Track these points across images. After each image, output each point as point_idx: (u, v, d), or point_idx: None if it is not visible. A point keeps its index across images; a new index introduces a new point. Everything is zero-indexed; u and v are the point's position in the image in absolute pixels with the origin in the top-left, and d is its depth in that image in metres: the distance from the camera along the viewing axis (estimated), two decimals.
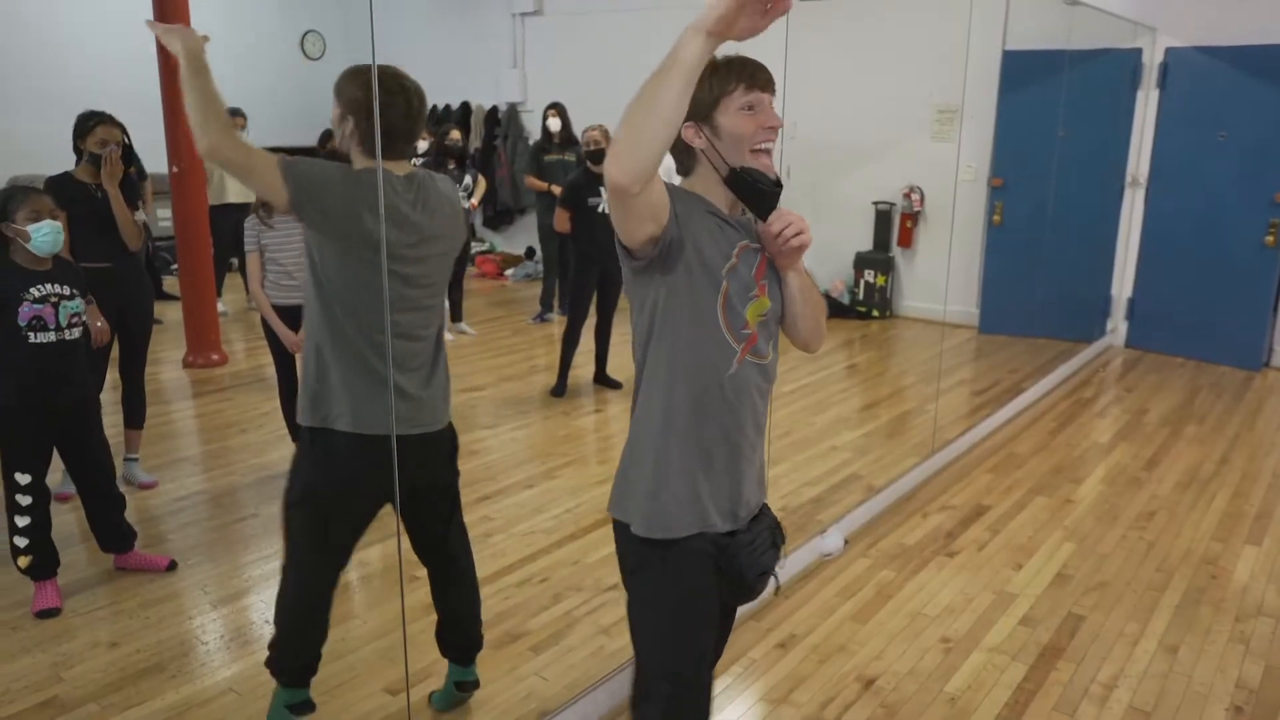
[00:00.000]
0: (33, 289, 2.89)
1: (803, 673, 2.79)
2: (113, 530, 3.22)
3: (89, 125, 3.59)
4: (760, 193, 1.62)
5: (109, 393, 3.57)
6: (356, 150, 2.14)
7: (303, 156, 2.08)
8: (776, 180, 1.64)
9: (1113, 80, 6.54)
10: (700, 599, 1.71)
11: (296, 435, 2.35)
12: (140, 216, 3.70)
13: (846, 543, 3.62)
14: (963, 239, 7.12)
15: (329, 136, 6.54)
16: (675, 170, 1.74)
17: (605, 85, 5.52)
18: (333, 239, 2.08)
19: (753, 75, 1.61)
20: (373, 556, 3.37)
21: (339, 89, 2.12)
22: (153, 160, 5.80)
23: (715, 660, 1.86)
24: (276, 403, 4.25)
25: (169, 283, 6.94)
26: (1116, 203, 6.71)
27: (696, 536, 1.67)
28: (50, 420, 3.00)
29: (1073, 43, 6.35)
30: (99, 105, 3.72)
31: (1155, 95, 6.44)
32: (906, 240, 7.53)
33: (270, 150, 2.01)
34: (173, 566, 3.28)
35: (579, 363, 5.42)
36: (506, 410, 5.11)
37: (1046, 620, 3.11)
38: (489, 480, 4.13)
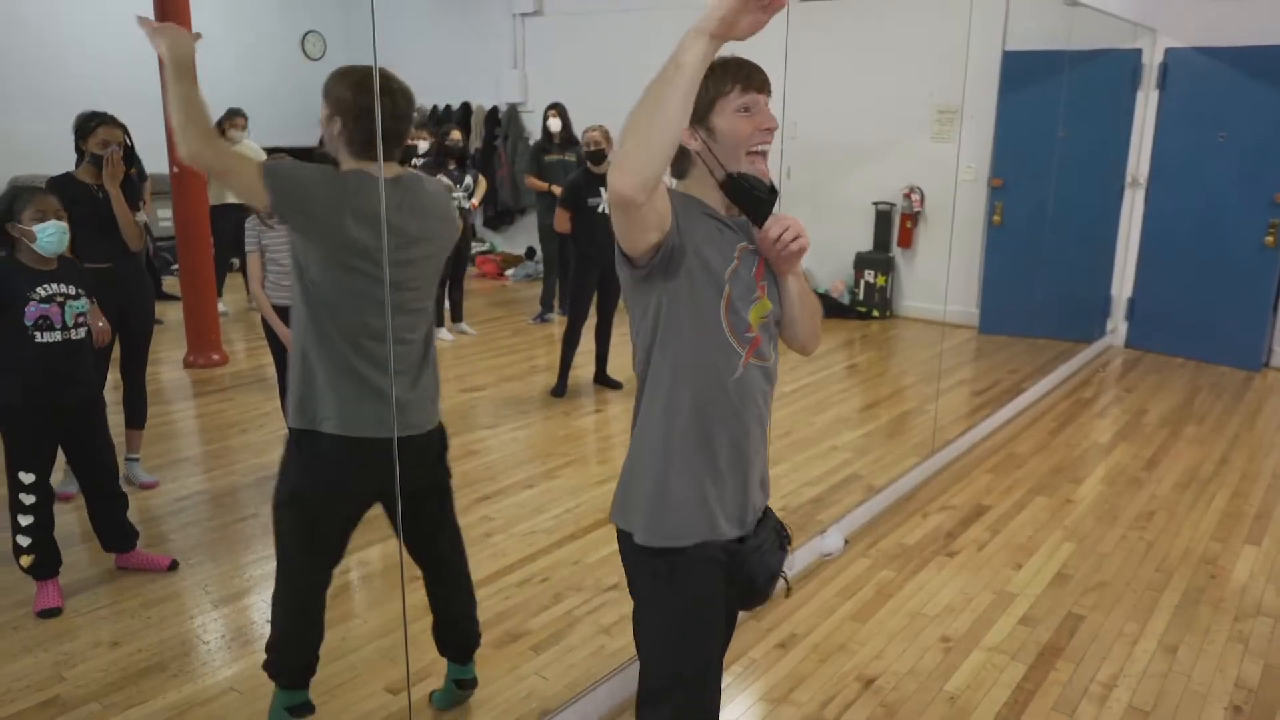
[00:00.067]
0: (39, 289, 2.91)
1: (803, 672, 2.80)
2: (115, 530, 3.23)
3: (90, 126, 3.59)
4: (756, 199, 1.61)
5: (110, 393, 3.57)
6: (344, 151, 2.13)
7: (285, 160, 2.08)
8: (771, 187, 1.63)
9: (1113, 81, 6.54)
10: (708, 607, 1.69)
11: None
12: (141, 217, 3.71)
13: (847, 542, 3.63)
14: (963, 239, 7.12)
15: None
16: (670, 173, 1.74)
17: (605, 85, 5.54)
18: (315, 242, 2.07)
19: (749, 76, 1.59)
20: (373, 556, 3.37)
21: (327, 89, 2.11)
22: (153, 160, 5.81)
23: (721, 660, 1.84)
24: (277, 403, 4.26)
25: (169, 283, 6.95)
26: (1116, 203, 6.72)
27: (704, 544, 1.65)
28: (55, 420, 3.01)
29: (1073, 43, 6.35)
30: (99, 105, 3.73)
31: (1155, 96, 6.44)
32: (906, 240, 7.54)
33: (271, 150, 2.02)
34: (174, 566, 3.29)
35: (579, 363, 5.43)
36: (507, 410, 5.12)
37: (1046, 620, 3.12)
38: (489, 480, 4.13)
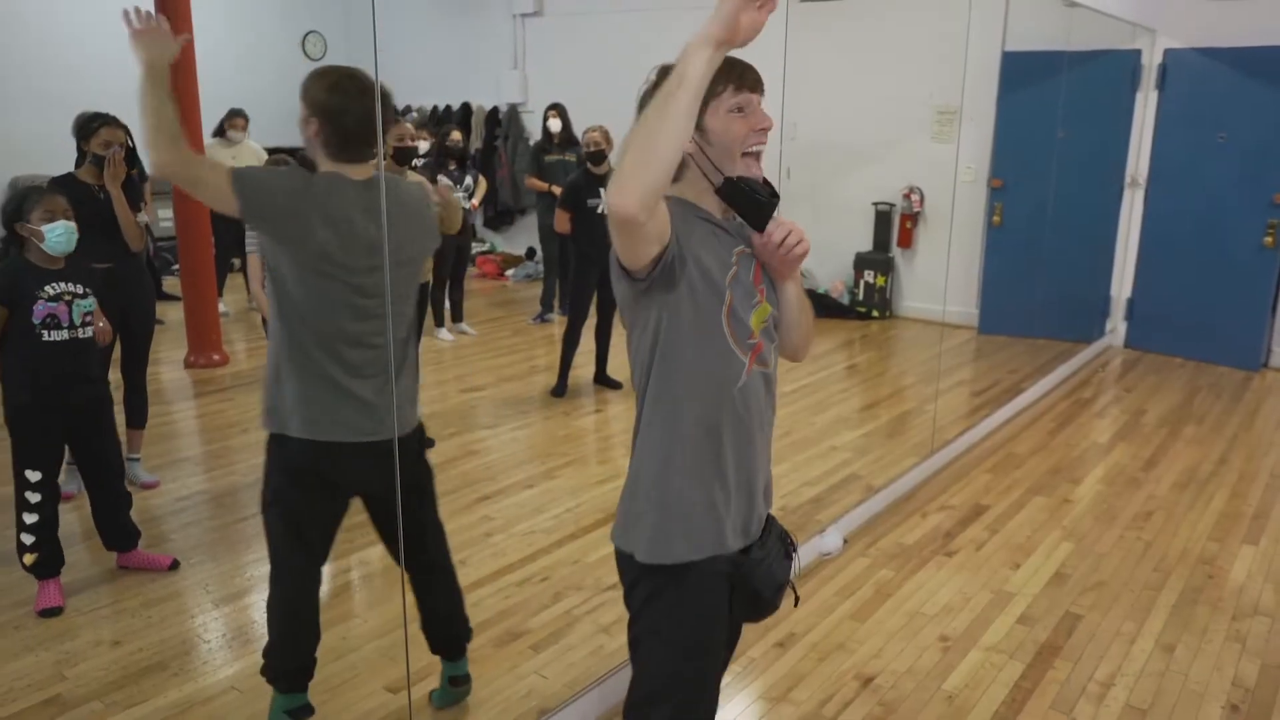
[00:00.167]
0: (47, 287, 2.93)
1: (801, 671, 2.81)
2: (118, 529, 3.24)
3: (92, 127, 3.60)
4: (757, 203, 1.56)
5: (111, 393, 3.59)
6: (320, 153, 2.13)
7: (255, 166, 2.08)
8: (773, 191, 1.59)
9: (1112, 81, 6.55)
10: (715, 624, 1.66)
11: None
12: (142, 218, 3.72)
13: (846, 542, 3.63)
14: (962, 240, 7.13)
15: None
16: None
17: (606, 86, 5.54)
18: (287, 248, 2.07)
19: (741, 76, 1.55)
20: (373, 556, 3.38)
21: (304, 90, 2.10)
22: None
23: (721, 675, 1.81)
24: None
25: (170, 283, 6.96)
26: (1116, 204, 6.73)
27: (712, 559, 1.62)
28: (63, 418, 3.02)
29: (1072, 44, 6.36)
30: (99, 105, 3.74)
31: (1154, 96, 6.45)
32: (906, 241, 7.55)
33: (272, 151, 2.02)
34: (175, 566, 3.30)
35: (579, 363, 5.44)
36: (507, 410, 5.12)
37: (1044, 619, 3.12)
38: (489, 480, 4.14)
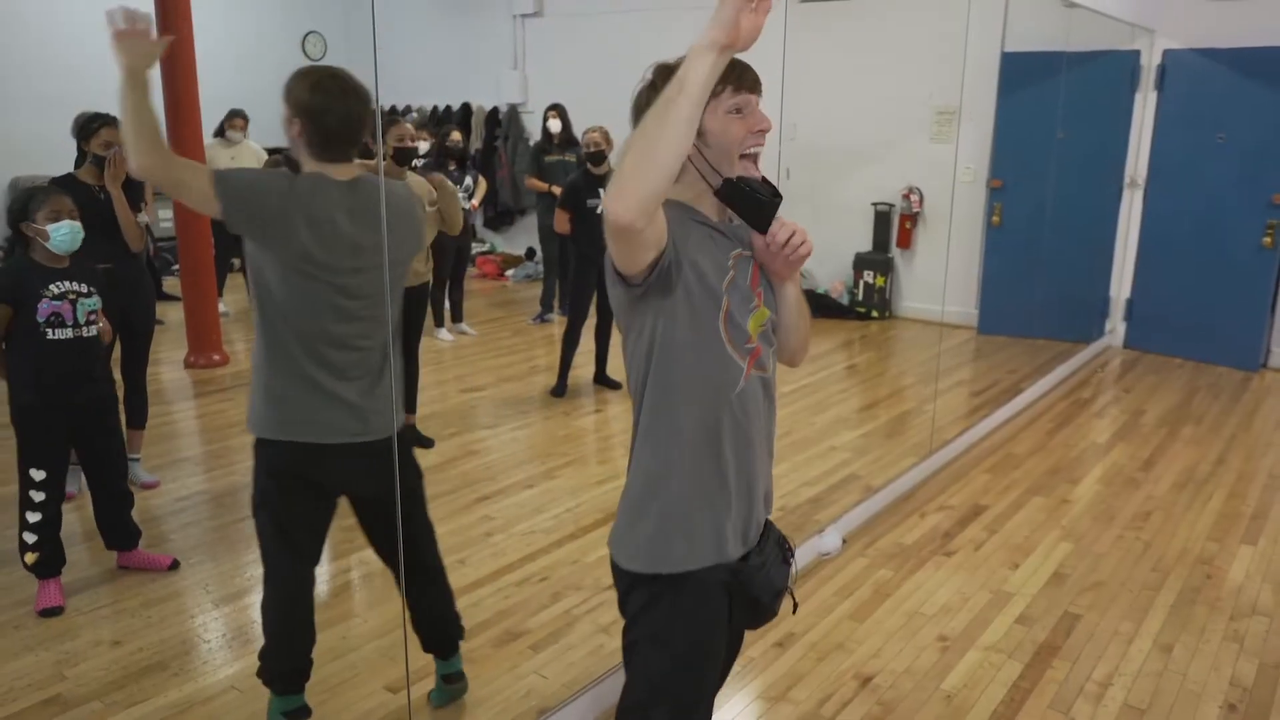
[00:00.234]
0: (51, 286, 2.95)
1: (800, 670, 2.81)
2: (120, 528, 3.25)
3: (93, 128, 3.61)
4: (758, 203, 1.53)
5: (115, 392, 3.59)
6: (304, 153, 2.13)
7: (237, 168, 2.08)
8: (775, 191, 1.55)
9: (1111, 82, 6.56)
10: (713, 632, 1.64)
11: None
12: (142, 218, 3.73)
13: (844, 542, 3.64)
14: (962, 240, 7.14)
15: None
16: None
17: (605, 87, 5.53)
18: (269, 250, 2.07)
19: (740, 76, 1.51)
20: (372, 556, 3.35)
21: (286, 91, 2.09)
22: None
23: (720, 684, 1.81)
24: None
25: (170, 283, 6.97)
26: (1115, 204, 6.73)
27: (712, 568, 1.59)
28: (67, 416, 3.04)
29: (1071, 44, 6.37)
30: (99, 106, 3.74)
31: (1153, 97, 6.46)
32: (906, 241, 7.55)
33: (272, 151, 2.03)
34: (175, 566, 3.31)
35: (579, 363, 5.44)
36: (507, 410, 5.13)
37: (1042, 619, 3.13)
38: (489, 480, 4.15)
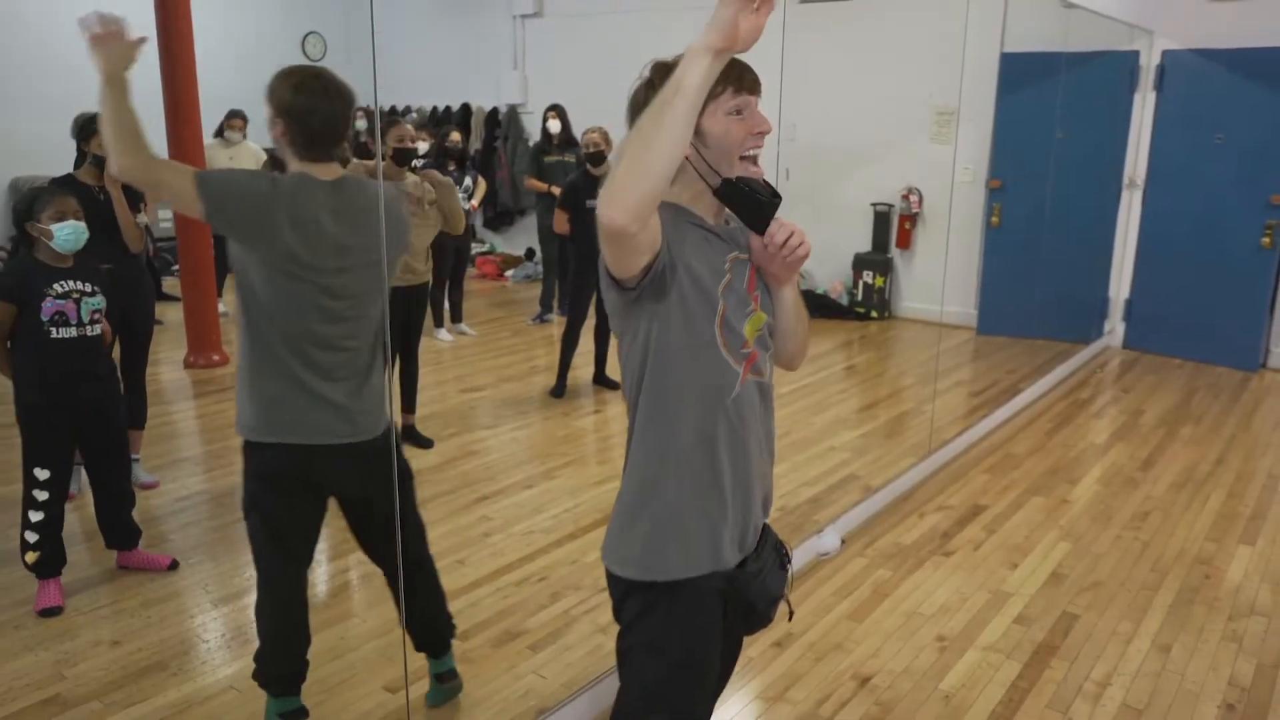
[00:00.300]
0: (55, 285, 2.96)
1: (799, 671, 2.82)
2: (121, 527, 3.26)
3: (93, 128, 3.61)
4: (758, 204, 1.51)
5: (120, 390, 3.59)
6: (288, 153, 2.12)
7: (219, 169, 2.07)
8: (774, 191, 1.53)
9: (1110, 82, 6.56)
10: (709, 640, 1.62)
11: None
12: (142, 218, 3.73)
13: (843, 542, 3.64)
14: (961, 240, 7.14)
15: None
16: None
17: (605, 87, 5.53)
18: (253, 251, 2.06)
19: (740, 77, 1.49)
20: None
21: (269, 91, 2.08)
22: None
23: (720, 690, 1.81)
24: None
25: (170, 283, 6.97)
26: (1114, 204, 6.74)
27: (708, 576, 1.58)
28: (71, 415, 3.04)
29: (1070, 45, 6.37)
30: (99, 107, 3.74)
31: (1152, 97, 6.46)
32: (905, 242, 7.56)
33: (272, 152, 2.03)
34: (174, 566, 3.31)
35: (578, 363, 5.44)
36: (506, 411, 5.13)
37: (1041, 619, 3.13)
38: (488, 480, 4.15)
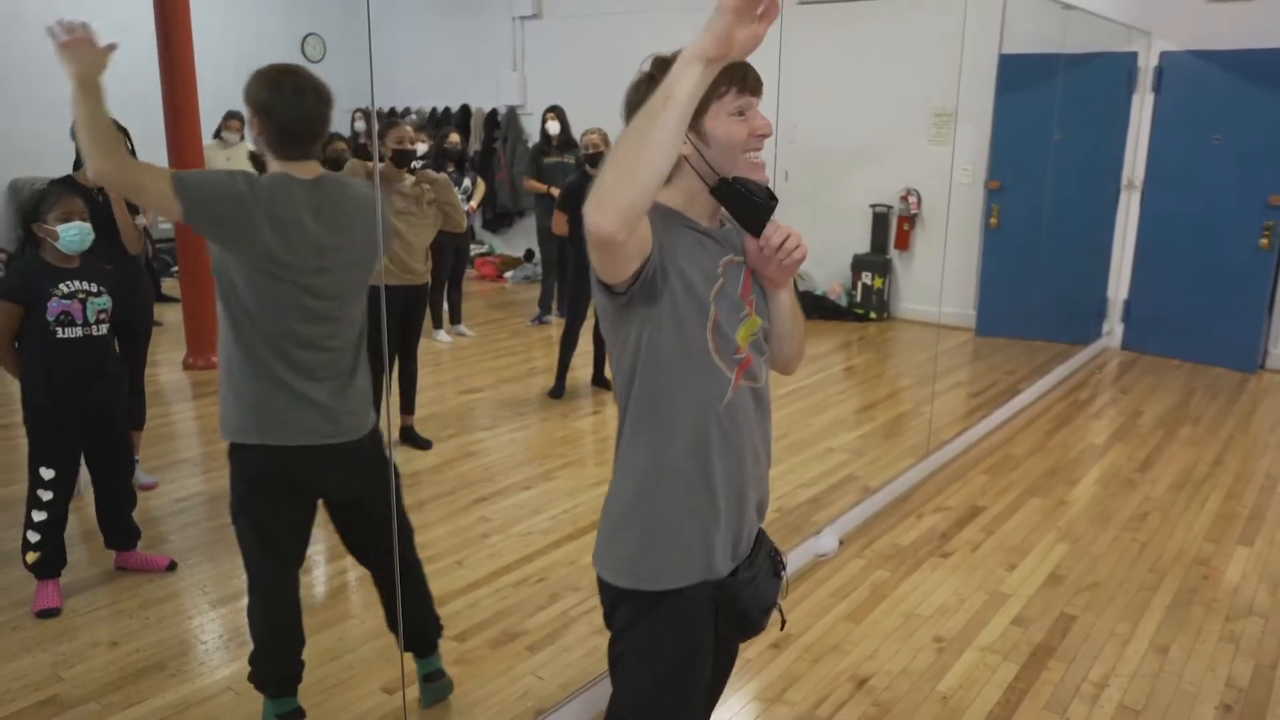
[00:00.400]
0: (61, 285, 2.97)
1: (796, 672, 2.82)
2: (121, 528, 3.26)
3: None
4: (754, 205, 1.48)
5: (125, 390, 3.60)
6: (267, 151, 2.12)
7: (198, 170, 2.07)
8: (771, 194, 1.50)
9: (1108, 84, 6.57)
10: (701, 649, 1.60)
11: None
12: (141, 220, 3.73)
13: (841, 543, 3.64)
14: (960, 241, 7.15)
15: (330, 139, 6.55)
16: None
17: (604, 88, 5.53)
18: (233, 251, 2.05)
19: (744, 78, 1.47)
20: None
21: (245, 90, 2.07)
22: (154, 163, 5.81)
23: (716, 698, 1.80)
24: None
25: (169, 285, 6.96)
26: (1112, 205, 6.75)
27: (699, 585, 1.56)
28: (77, 415, 3.05)
29: (1068, 46, 6.37)
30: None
31: (1150, 99, 6.47)
32: (904, 243, 7.56)
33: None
34: (172, 567, 3.31)
35: (577, 364, 5.45)
36: (505, 412, 5.13)
37: (1039, 620, 3.14)
38: (487, 481, 4.15)
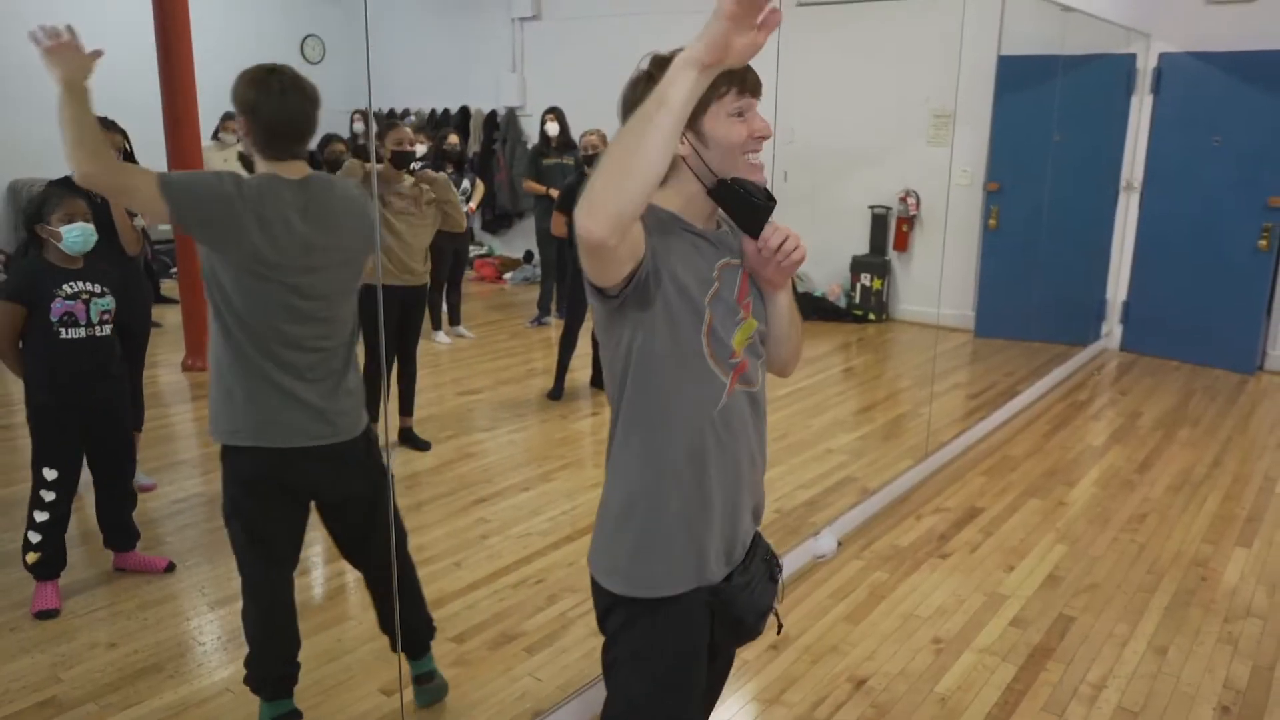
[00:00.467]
0: (64, 286, 2.97)
1: (794, 673, 2.82)
2: (121, 528, 3.26)
3: None
4: (752, 206, 1.46)
5: (128, 391, 3.60)
6: (254, 151, 2.12)
7: (184, 171, 2.06)
8: (769, 195, 1.48)
9: (1107, 85, 6.57)
10: (695, 654, 1.59)
11: None
12: (139, 221, 3.73)
13: (840, 545, 3.64)
14: (959, 243, 7.15)
15: (329, 140, 6.57)
16: None
17: (603, 90, 5.54)
18: (221, 252, 2.05)
19: (744, 79, 1.44)
20: None
21: (232, 91, 2.07)
22: (153, 164, 5.81)
23: (713, 702, 1.80)
24: None
25: (168, 286, 6.97)
26: (1111, 207, 6.75)
27: (693, 591, 1.54)
28: (80, 415, 3.05)
29: (1067, 48, 6.38)
30: (98, 109, 3.71)
31: (1149, 100, 6.48)
32: (902, 244, 7.57)
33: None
34: (171, 568, 3.31)
35: (576, 366, 5.45)
36: (504, 413, 5.14)
37: (1037, 621, 3.14)
38: (486, 483, 4.15)
